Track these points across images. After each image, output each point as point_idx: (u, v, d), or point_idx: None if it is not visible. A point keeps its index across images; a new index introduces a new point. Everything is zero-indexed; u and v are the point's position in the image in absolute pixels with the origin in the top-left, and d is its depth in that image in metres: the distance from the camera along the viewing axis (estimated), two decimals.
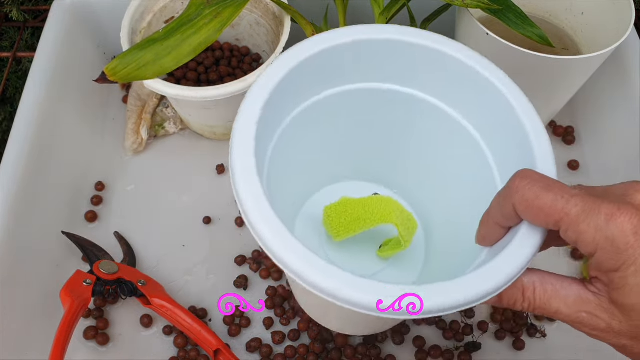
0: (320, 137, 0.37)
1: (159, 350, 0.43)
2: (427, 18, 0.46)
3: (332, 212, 0.37)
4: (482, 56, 0.32)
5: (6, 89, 0.63)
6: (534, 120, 0.30)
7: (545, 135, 0.30)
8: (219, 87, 0.43)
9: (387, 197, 0.36)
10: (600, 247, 0.23)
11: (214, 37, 0.41)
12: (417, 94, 0.34)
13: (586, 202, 0.24)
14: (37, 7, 0.62)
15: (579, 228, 0.24)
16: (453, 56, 0.31)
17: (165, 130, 0.53)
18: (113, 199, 0.50)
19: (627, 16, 0.43)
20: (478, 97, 0.32)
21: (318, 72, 0.32)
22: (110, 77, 0.42)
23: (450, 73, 0.32)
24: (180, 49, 0.41)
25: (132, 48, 0.42)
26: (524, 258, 0.26)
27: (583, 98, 0.53)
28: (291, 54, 0.32)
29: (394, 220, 0.34)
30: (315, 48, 0.32)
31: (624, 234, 0.23)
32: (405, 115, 0.36)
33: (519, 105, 0.30)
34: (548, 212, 0.24)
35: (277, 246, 0.26)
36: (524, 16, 0.42)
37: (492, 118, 0.32)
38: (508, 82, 0.31)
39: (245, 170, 0.27)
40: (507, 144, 0.31)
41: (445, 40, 0.32)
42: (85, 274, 0.41)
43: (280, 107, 0.33)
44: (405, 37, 0.32)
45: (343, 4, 0.47)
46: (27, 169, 0.43)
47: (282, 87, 0.31)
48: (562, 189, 0.24)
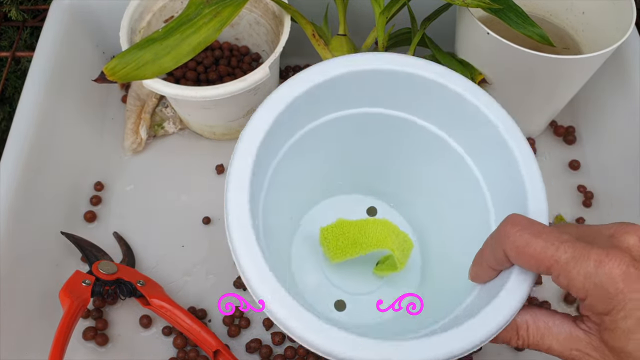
0: (317, 158, 0.37)
1: (158, 350, 0.43)
2: (428, 17, 0.46)
3: (328, 234, 0.37)
4: (469, 81, 0.32)
5: (5, 89, 0.63)
6: (523, 147, 0.30)
7: (535, 165, 0.30)
8: (219, 86, 0.43)
9: (382, 220, 0.36)
10: (591, 293, 0.24)
11: (214, 36, 0.41)
12: (405, 116, 0.35)
13: (575, 249, 0.24)
14: (36, 6, 0.62)
15: (569, 275, 0.24)
16: (439, 82, 0.32)
17: (165, 130, 0.53)
18: (112, 199, 0.50)
19: (628, 16, 0.42)
20: (465, 122, 0.32)
21: (312, 103, 0.33)
22: (109, 76, 0.41)
23: (434, 97, 0.33)
24: (180, 49, 0.41)
25: (131, 48, 0.42)
26: (516, 304, 0.27)
27: (584, 98, 0.53)
28: (287, 89, 0.32)
29: (389, 246, 0.35)
30: (309, 83, 0.32)
31: (613, 280, 0.23)
32: (395, 135, 0.36)
33: (505, 129, 0.31)
34: (539, 259, 0.25)
35: (276, 309, 0.26)
36: (524, 15, 0.42)
37: (478, 140, 0.32)
38: (495, 107, 0.32)
39: (241, 228, 0.28)
40: (497, 167, 0.32)
41: (430, 66, 0.32)
42: (84, 275, 0.41)
43: (277, 139, 0.33)
44: (390, 66, 0.33)
45: (343, 4, 0.46)
46: (26, 168, 0.43)
47: (278, 121, 0.32)
48: (552, 236, 0.25)
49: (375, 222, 0.37)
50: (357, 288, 0.38)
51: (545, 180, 0.51)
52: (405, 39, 0.50)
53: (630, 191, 0.46)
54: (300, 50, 0.53)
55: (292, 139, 0.35)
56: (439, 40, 0.48)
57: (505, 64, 0.43)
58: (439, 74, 0.32)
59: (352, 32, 0.48)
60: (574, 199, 0.50)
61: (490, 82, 0.46)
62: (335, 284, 0.38)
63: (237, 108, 0.48)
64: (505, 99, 0.47)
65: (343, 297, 0.38)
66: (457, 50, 0.48)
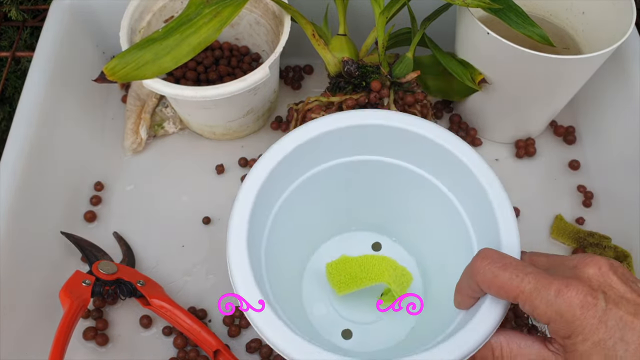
0: (320, 201, 0.41)
1: (158, 350, 0.43)
2: (428, 17, 0.46)
3: (332, 269, 0.41)
4: (451, 133, 0.36)
5: (5, 89, 0.63)
6: (496, 190, 0.34)
7: (507, 204, 0.34)
8: (219, 86, 0.43)
9: (381, 256, 0.40)
10: (552, 320, 0.27)
11: (214, 36, 0.41)
12: (398, 163, 0.39)
13: (538, 280, 0.27)
14: (36, 6, 0.62)
15: (533, 303, 0.27)
16: (424, 135, 0.36)
17: (165, 130, 0.53)
18: (112, 199, 0.50)
19: (628, 16, 0.42)
20: (449, 168, 0.36)
21: (312, 151, 0.37)
22: (109, 76, 0.41)
23: (422, 147, 0.37)
24: (180, 49, 0.41)
25: (131, 48, 0.42)
26: (489, 327, 0.30)
27: (584, 98, 0.53)
28: (288, 140, 0.36)
29: (386, 280, 0.38)
30: (307, 136, 0.36)
31: (572, 308, 0.26)
32: (390, 179, 0.40)
33: (481, 174, 0.35)
34: (506, 290, 0.28)
35: (283, 345, 0.30)
36: (524, 15, 0.42)
37: (459, 182, 0.37)
38: (472, 155, 0.35)
39: (244, 279, 0.32)
40: (475, 205, 0.36)
41: (416, 121, 0.36)
42: (85, 275, 0.41)
43: (276, 187, 0.37)
44: (378, 121, 0.37)
45: (343, 4, 0.46)
46: (26, 168, 0.43)
47: (276, 171, 0.35)
48: (517, 268, 0.28)
49: (375, 258, 0.40)
50: (363, 318, 0.41)
51: (545, 180, 0.51)
52: (405, 39, 0.50)
53: (630, 191, 0.46)
54: (300, 50, 0.53)
55: (293, 185, 0.38)
56: (439, 40, 0.48)
57: (505, 64, 0.43)
58: (421, 127, 0.36)
59: (352, 32, 0.48)
60: (573, 199, 0.50)
61: (490, 82, 0.46)
62: (342, 314, 0.42)
63: (237, 108, 0.48)
64: (505, 99, 0.47)
65: (350, 327, 0.41)
66: (457, 50, 0.48)
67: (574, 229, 0.48)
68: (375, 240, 0.45)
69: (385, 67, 0.44)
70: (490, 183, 0.34)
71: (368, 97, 0.44)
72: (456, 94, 0.51)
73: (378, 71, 0.44)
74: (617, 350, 0.25)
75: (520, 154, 0.52)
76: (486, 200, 0.34)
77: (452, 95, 0.51)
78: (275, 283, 0.36)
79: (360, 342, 0.41)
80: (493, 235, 0.33)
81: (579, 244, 0.47)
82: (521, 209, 0.49)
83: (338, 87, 0.46)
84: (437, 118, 0.54)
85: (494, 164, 0.52)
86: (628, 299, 0.26)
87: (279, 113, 0.55)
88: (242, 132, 0.52)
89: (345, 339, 0.41)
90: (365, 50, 0.48)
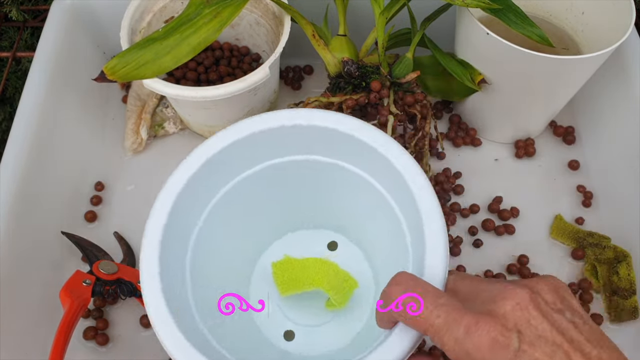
0: (259, 201, 0.40)
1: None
2: (427, 18, 0.46)
3: (277, 269, 0.40)
4: (385, 135, 0.35)
5: (5, 89, 0.63)
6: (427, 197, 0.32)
7: (438, 220, 0.31)
8: (219, 86, 0.43)
9: (323, 260, 0.39)
10: (461, 358, 0.24)
11: (213, 36, 0.41)
12: (333, 161, 0.38)
13: (449, 314, 0.25)
14: (36, 6, 0.62)
15: (442, 339, 0.25)
16: (353, 136, 0.35)
17: (165, 130, 0.53)
18: (113, 199, 0.50)
19: (628, 16, 0.42)
20: (377, 165, 0.35)
21: (247, 150, 0.36)
22: (109, 76, 0.41)
23: (353, 147, 0.35)
24: (180, 49, 0.41)
25: (132, 47, 0.42)
26: (399, 354, 0.28)
27: (583, 98, 0.53)
28: (216, 140, 0.35)
29: (324, 286, 0.38)
30: (245, 132, 0.35)
31: (480, 349, 0.23)
32: (327, 177, 0.39)
33: (406, 172, 0.33)
34: (414, 322, 0.26)
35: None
36: (524, 16, 0.42)
37: (392, 182, 0.35)
38: (402, 157, 0.34)
39: (151, 288, 0.30)
40: (406, 206, 0.34)
41: (347, 120, 0.35)
42: (85, 274, 0.41)
43: (203, 192, 0.36)
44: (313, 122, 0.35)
45: (343, 4, 0.46)
46: (26, 169, 0.43)
47: (200, 174, 0.34)
48: (429, 298, 0.26)
49: (317, 261, 0.39)
50: (308, 320, 0.40)
51: (544, 180, 0.51)
52: (405, 39, 0.50)
53: (630, 191, 0.46)
54: (300, 51, 0.54)
55: (225, 189, 0.37)
56: (438, 40, 0.48)
57: (504, 64, 0.43)
58: (354, 129, 0.35)
59: (352, 33, 0.48)
60: (573, 199, 0.50)
61: (490, 83, 0.46)
62: (286, 315, 0.41)
63: (237, 108, 0.48)
64: (505, 99, 0.47)
65: (293, 328, 0.40)
66: (457, 50, 0.48)
67: (574, 229, 0.48)
68: (331, 239, 0.44)
69: (385, 67, 0.45)
70: (421, 195, 0.32)
71: (368, 97, 0.44)
72: (456, 94, 0.51)
73: (378, 71, 0.45)
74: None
75: (520, 154, 0.52)
76: (417, 212, 0.32)
77: (452, 96, 0.51)
78: (203, 284, 0.35)
79: (302, 345, 0.39)
80: (420, 253, 0.31)
81: (578, 244, 0.47)
82: (521, 209, 0.49)
83: (338, 88, 0.46)
84: (437, 118, 0.54)
85: (494, 164, 0.52)
86: (546, 338, 0.24)
87: None
88: None
89: (287, 340, 0.40)
90: (365, 50, 0.48)
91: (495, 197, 0.50)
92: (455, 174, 0.51)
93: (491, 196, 0.50)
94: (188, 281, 0.34)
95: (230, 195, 0.37)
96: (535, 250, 0.47)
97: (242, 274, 0.42)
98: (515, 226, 0.48)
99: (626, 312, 0.43)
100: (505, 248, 0.47)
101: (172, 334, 0.29)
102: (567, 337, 0.24)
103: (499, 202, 0.49)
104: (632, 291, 0.44)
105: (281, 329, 0.40)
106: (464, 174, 0.51)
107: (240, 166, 0.37)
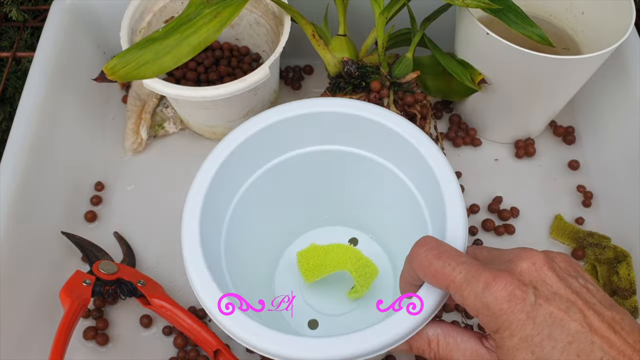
0: (286, 193, 0.41)
1: (158, 350, 0.43)
2: (427, 18, 0.46)
3: (302, 257, 0.41)
4: (412, 125, 0.36)
5: (5, 89, 0.63)
6: (447, 177, 0.34)
7: (456, 191, 0.33)
8: (219, 86, 0.43)
9: (347, 246, 0.41)
10: (480, 312, 0.26)
11: (214, 36, 0.41)
12: (359, 152, 0.39)
13: (469, 271, 0.26)
14: (36, 6, 0.62)
15: (462, 294, 0.26)
16: (387, 126, 0.36)
17: (165, 130, 0.53)
18: (113, 199, 0.50)
19: (628, 16, 0.42)
20: (401, 153, 0.36)
21: (272, 140, 0.37)
22: (109, 76, 0.41)
23: (385, 138, 0.36)
24: (180, 49, 0.41)
25: (132, 47, 0.42)
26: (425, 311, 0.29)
27: (583, 98, 0.53)
28: (241, 131, 0.36)
29: (348, 268, 0.39)
30: (266, 121, 0.36)
31: (498, 302, 0.25)
32: (353, 169, 0.40)
33: (437, 166, 0.34)
34: (438, 278, 0.28)
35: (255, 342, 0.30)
36: (524, 16, 0.42)
37: (416, 171, 0.36)
38: (428, 144, 0.35)
39: (201, 277, 0.32)
40: (429, 192, 0.35)
41: (374, 108, 0.36)
42: (85, 274, 0.41)
43: (233, 178, 0.37)
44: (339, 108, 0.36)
45: (343, 4, 0.46)
46: (26, 169, 0.43)
47: (228, 162, 0.35)
48: (451, 257, 0.27)
49: (340, 247, 0.41)
50: (331, 309, 0.43)
51: (544, 180, 0.51)
52: (405, 40, 0.50)
53: (630, 191, 0.46)
54: (300, 51, 0.54)
55: (252, 178, 0.38)
56: (438, 40, 0.48)
57: (504, 64, 0.43)
58: (380, 115, 0.36)
59: (352, 33, 0.48)
60: (573, 199, 0.50)
61: (490, 83, 0.46)
62: (311, 305, 0.43)
63: (237, 108, 0.48)
64: (505, 99, 0.47)
65: (317, 317, 0.42)
66: (457, 50, 0.48)
67: (574, 229, 0.48)
68: (352, 236, 0.46)
69: (385, 67, 0.45)
70: (443, 175, 0.34)
71: (368, 97, 0.44)
72: (456, 94, 0.51)
73: (378, 71, 0.45)
74: (544, 347, 0.24)
75: (520, 154, 0.52)
76: (438, 190, 0.33)
77: (452, 96, 0.51)
78: (238, 276, 0.36)
79: (326, 333, 0.41)
80: (441, 224, 0.33)
81: (578, 244, 0.47)
82: (521, 209, 0.49)
83: (338, 88, 0.46)
84: (437, 118, 0.54)
85: (494, 164, 0.52)
86: (561, 295, 0.25)
87: None
88: None
89: (311, 329, 0.42)
90: (365, 50, 0.48)
91: (495, 197, 0.50)
92: (456, 174, 0.51)
93: (491, 196, 0.50)
94: (224, 263, 0.35)
95: (259, 182, 0.38)
96: None
97: (267, 267, 0.43)
98: (515, 226, 0.48)
99: None
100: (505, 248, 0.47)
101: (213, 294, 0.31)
102: (581, 297, 0.25)
103: (498, 202, 0.49)
104: (632, 291, 0.44)
105: (306, 319, 0.42)
106: (464, 174, 0.51)
107: (265, 157, 0.38)
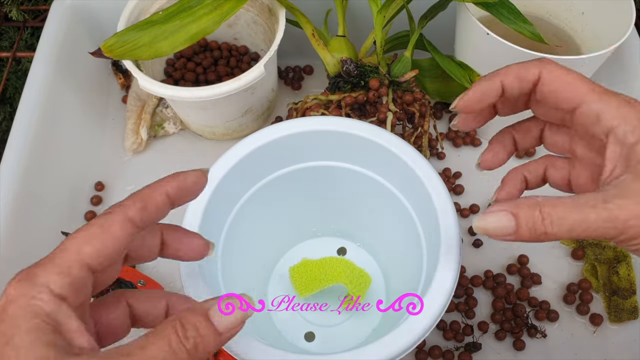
0: (280, 208, 0.42)
1: None
2: (424, 15, 0.46)
3: (294, 272, 0.42)
4: (400, 140, 0.36)
5: (6, 89, 0.63)
6: (435, 183, 0.34)
7: (444, 194, 0.34)
8: (214, 86, 0.43)
9: (339, 259, 0.42)
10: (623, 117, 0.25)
11: (212, 28, 0.41)
12: (350, 167, 0.39)
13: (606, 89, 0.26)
14: (36, 7, 0.62)
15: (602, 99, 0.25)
16: (374, 141, 0.36)
17: (165, 130, 0.53)
18: (113, 199, 0.50)
19: (628, 16, 0.42)
20: (394, 168, 0.37)
21: (267, 158, 0.37)
22: (106, 53, 0.41)
23: (372, 152, 0.37)
24: (178, 35, 0.41)
25: (131, 27, 0.41)
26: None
27: None
28: (240, 147, 0.36)
29: (343, 280, 0.40)
30: (263, 140, 0.36)
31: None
32: (343, 182, 0.41)
33: (423, 174, 0.35)
34: (575, 86, 0.26)
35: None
36: (517, 12, 0.42)
37: (406, 183, 0.37)
38: (419, 160, 0.35)
39: (196, 289, 0.31)
40: (417, 199, 0.36)
41: (365, 126, 0.37)
42: None
43: (229, 196, 0.37)
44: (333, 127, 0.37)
45: (342, 5, 0.46)
46: (26, 169, 0.43)
47: (228, 178, 0.36)
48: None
49: (333, 260, 0.41)
50: (326, 321, 0.42)
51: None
52: (404, 42, 0.50)
53: None
54: (300, 51, 0.54)
55: (250, 192, 0.39)
56: (437, 42, 0.48)
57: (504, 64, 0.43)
58: (373, 134, 0.36)
59: (351, 35, 0.48)
60: None
61: None
62: (306, 317, 0.43)
63: (235, 108, 0.48)
64: None
65: (312, 329, 0.42)
66: (457, 51, 0.48)
67: None
68: (340, 245, 0.46)
69: (384, 66, 0.45)
70: (433, 187, 0.34)
71: (366, 95, 0.44)
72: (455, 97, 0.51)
73: (376, 70, 0.45)
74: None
75: (520, 154, 0.52)
76: (423, 189, 0.34)
77: (451, 98, 0.51)
78: (235, 292, 0.36)
79: (323, 344, 0.41)
80: (433, 226, 0.33)
81: (578, 244, 0.47)
82: None
83: (337, 87, 0.46)
84: (436, 118, 0.54)
85: None
86: None
87: (279, 113, 0.55)
88: (242, 132, 0.52)
89: (308, 342, 0.42)
90: (364, 52, 0.48)
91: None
92: (455, 174, 0.51)
93: (491, 196, 0.50)
94: (221, 282, 0.35)
95: (252, 200, 0.39)
96: (535, 250, 0.47)
97: (260, 281, 0.44)
98: None
99: (626, 312, 0.43)
100: (505, 248, 0.47)
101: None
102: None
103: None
104: (632, 291, 0.44)
105: (302, 331, 0.42)
106: (464, 174, 0.51)
107: (258, 175, 0.39)
